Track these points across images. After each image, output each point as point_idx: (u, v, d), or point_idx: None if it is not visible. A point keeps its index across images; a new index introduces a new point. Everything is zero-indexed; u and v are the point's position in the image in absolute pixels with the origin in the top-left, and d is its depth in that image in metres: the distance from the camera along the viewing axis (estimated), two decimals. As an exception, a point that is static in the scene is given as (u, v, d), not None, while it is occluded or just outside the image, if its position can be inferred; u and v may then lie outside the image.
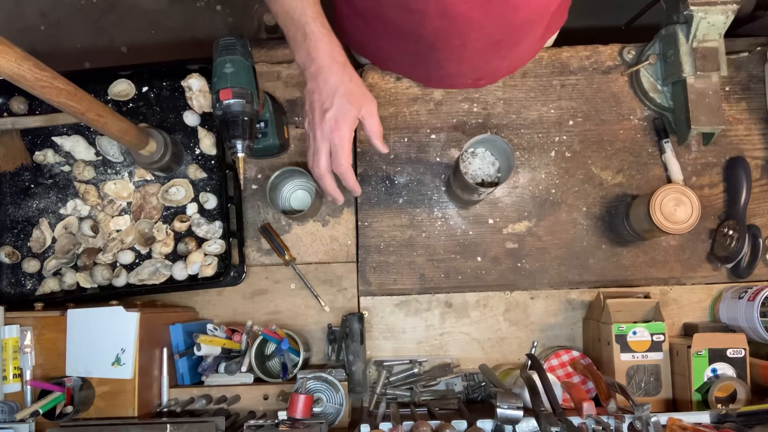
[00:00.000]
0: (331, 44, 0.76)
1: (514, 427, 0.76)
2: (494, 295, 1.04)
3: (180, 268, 0.98)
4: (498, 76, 1.06)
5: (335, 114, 0.76)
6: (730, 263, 1.02)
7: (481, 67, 1.00)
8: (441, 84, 1.07)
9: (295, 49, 0.78)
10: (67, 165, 1.04)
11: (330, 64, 0.76)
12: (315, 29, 0.75)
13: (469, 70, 1.00)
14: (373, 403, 0.97)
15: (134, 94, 1.04)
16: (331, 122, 0.77)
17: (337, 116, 0.77)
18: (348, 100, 0.76)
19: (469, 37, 0.87)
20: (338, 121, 0.77)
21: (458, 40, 0.88)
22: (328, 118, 0.77)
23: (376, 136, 0.81)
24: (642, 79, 1.04)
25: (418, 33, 0.87)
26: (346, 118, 0.77)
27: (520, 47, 0.98)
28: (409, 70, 1.05)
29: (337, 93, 0.76)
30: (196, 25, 2.07)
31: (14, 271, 1.02)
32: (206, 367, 0.93)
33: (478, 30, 0.85)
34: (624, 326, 0.92)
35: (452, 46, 0.90)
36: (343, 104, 0.76)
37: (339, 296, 1.04)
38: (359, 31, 0.97)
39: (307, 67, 0.77)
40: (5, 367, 0.83)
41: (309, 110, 0.80)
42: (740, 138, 1.07)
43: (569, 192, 1.06)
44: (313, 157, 0.81)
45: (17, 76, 0.63)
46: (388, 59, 1.05)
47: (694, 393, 0.89)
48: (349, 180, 0.82)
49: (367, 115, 0.79)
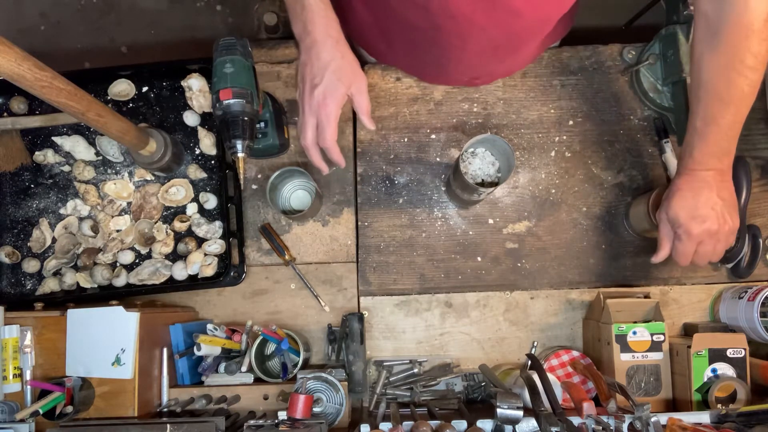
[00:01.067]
0: (327, 18, 0.77)
1: (514, 427, 0.76)
2: (494, 295, 1.04)
3: (180, 268, 0.98)
4: (494, 77, 1.07)
5: (323, 90, 0.78)
6: (730, 263, 1.02)
7: (479, 68, 1.00)
8: (436, 79, 1.07)
9: (293, 20, 0.80)
10: (67, 165, 1.04)
11: (324, 39, 0.77)
12: (312, 2, 0.77)
13: (466, 69, 1.01)
14: (373, 403, 0.97)
15: (134, 94, 1.04)
16: (319, 98, 0.78)
17: (326, 92, 0.78)
18: (338, 77, 0.78)
19: (470, 39, 0.87)
20: (326, 97, 0.78)
21: (458, 40, 0.88)
22: (316, 93, 0.78)
23: (363, 113, 0.82)
24: (642, 79, 1.04)
25: (419, 27, 0.87)
26: (334, 95, 0.78)
27: (518, 53, 0.98)
28: (406, 62, 1.05)
29: (328, 69, 0.77)
30: (196, 25, 2.07)
31: (14, 271, 1.02)
32: (206, 367, 0.93)
33: (479, 33, 0.85)
34: (624, 326, 0.92)
35: (452, 46, 0.90)
36: (332, 81, 0.77)
37: (339, 296, 1.04)
38: (360, 17, 0.97)
39: (303, 39, 0.79)
40: (5, 367, 0.83)
41: (300, 82, 0.81)
42: (740, 138, 1.06)
43: (569, 192, 1.06)
44: (300, 130, 0.83)
45: (17, 76, 0.63)
46: (386, 50, 1.04)
47: (694, 393, 0.89)
48: (334, 154, 0.84)
49: (356, 92, 0.80)
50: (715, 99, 0.79)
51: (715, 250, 0.86)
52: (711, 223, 0.83)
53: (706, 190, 0.83)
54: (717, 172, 0.84)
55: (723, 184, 0.84)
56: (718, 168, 0.83)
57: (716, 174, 0.84)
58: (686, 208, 0.84)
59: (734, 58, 0.75)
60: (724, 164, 0.84)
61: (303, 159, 1.07)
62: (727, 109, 0.79)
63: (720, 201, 0.84)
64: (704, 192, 0.83)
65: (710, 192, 0.83)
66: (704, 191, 0.83)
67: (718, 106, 0.79)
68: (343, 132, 1.07)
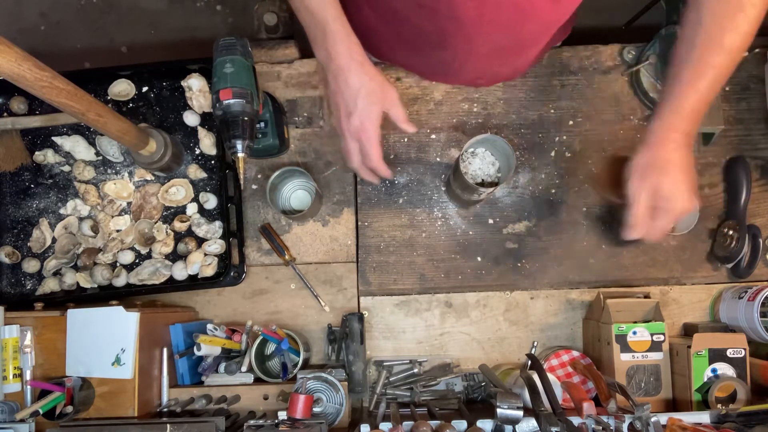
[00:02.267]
0: (350, 42, 0.79)
1: (514, 427, 0.76)
2: (494, 295, 1.04)
3: (180, 268, 0.98)
4: (498, 80, 1.07)
5: (359, 116, 0.80)
6: (730, 263, 1.02)
7: (483, 70, 1.01)
8: (439, 78, 1.07)
9: (315, 46, 0.81)
10: (67, 165, 1.04)
11: (349, 64, 0.78)
12: (335, 28, 0.77)
13: (471, 71, 1.01)
14: (373, 403, 0.97)
15: (134, 94, 1.04)
16: (357, 123, 0.80)
17: (362, 118, 0.80)
18: (370, 100, 0.79)
19: (475, 42, 0.87)
20: (363, 122, 0.80)
21: (464, 42, 0.88)
22: (353, 120, 0.80)
23: (402, 122, 0.84)
24: (642, 79, 1.04)
25: (424, 29, 0.87)
26: (371, 117, 0.80)
27: (522, 57, 0.99)
28: (411, 62, 1.05)
29: (359, 96, 0.79)
30: (196, 25, 2.07)
31: (14, 271, 1.02)
32: (206, 367, 0.93)
33: (485, 35, 0.86)
34: (624, 326, 0.92)
35: (457, 48, 0.90)
36: (365, 106, 0.79)
37: (339, 296, 1.04)
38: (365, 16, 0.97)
39: (327, 66, 0.80)
40: (5, 367, 0.83)
41: (335, 111, 0.83)
42: (740, 138, 1.07)
43: (569, 192, 1.06)
44: (345, 155, 0.86)
45: (17, 76, 0.63)
46: (390, 50, 1.04)
47: (694, 393, 0.89)
48: (381, 171, 0.86)
49: (391, 106, 0.82)
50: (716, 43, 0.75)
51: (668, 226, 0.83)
52: (694, 199, 0.80)
53: (687, 162, 0.79)
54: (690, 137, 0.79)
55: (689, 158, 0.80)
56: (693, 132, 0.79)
57: (689, 140, 0.79)
58: (678, 183, 0.79)
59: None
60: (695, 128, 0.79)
61: (303, 159, 1.07)
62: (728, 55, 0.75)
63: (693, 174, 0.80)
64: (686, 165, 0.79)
65: (689, 164, 0.79)
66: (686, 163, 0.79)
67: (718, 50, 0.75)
68: (343, 132, 1.07)
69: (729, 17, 0.73)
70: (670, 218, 0.81)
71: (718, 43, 0.74)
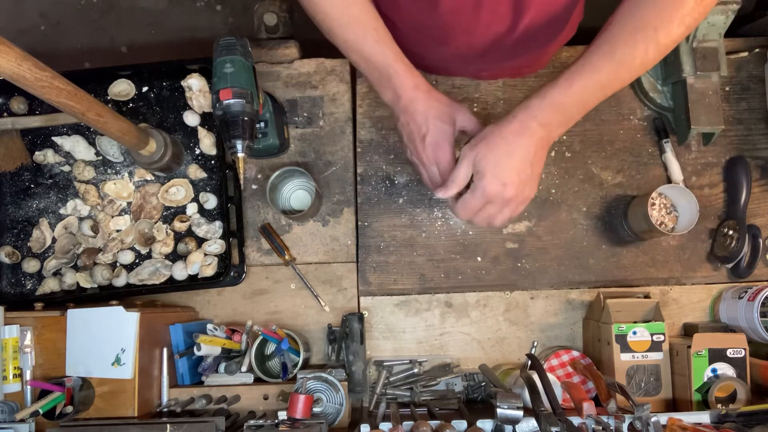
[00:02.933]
0: (414, 77, 0.81)
1: (514, 427, 0.76)
2: (494, 295, 1.04)
3: (180, 268, 0.98)
4: (500, 75, 1.07)
5: (434, 136, 0.81)
6: (730, 263, 1.02)
7: (484, 64, 1.01)
8: (440, 71, 1.07)
9: (381, 90, 0.83)
10: (67, 165, 1.04)
11: (415, 95, 0.80)
12: (398, 69, 0.80)
13: (472, 63, 1.01)
14: (373, 403, 0.97)
15: (134, 94, 1.04)
16: (433, 144, 0.82)
17: (437, 138, 0.81)
18: (442, 120, 0.81)
19: (476, 34, 0.87)
20: (438, 141, 0.82)
21: (465, 35, 0.88)
22: (428, 142, 0.82)
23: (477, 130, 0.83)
24: (642, 79, 1.04)
25: (426, 22, 0.87)
26: (445, 136, 0.82)
27: (525, 56, 0.98)
28: (413, 58, 1.05)
29: (429, 117, 0.81)
30: (196, 25, 2.07)
31: (14, 271, 1.02)
32: (206, 367, 0.93)
33: (485, 28, 0.85)
34: (624, 326, 0.92)
35: (458, 41, 0.90)
36: (437, 126, 0.81)
37: (339, 296, 1.04)
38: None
39: (395, 104, 0.83)
40: (5, 367, 0.83)
41: (409, 141, 0.85)
42: (740, 138, 1.07)
43: (569, 192, 1.06)
44: (430, 183, 0.86)
45: (17, 76, 0.63)
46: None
47: (694, 393, 0.89)
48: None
49: (463, 122, 0.83)
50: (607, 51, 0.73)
51: (499, 214, 0.81)
52: (510, 189, 0.77)
53: (524, 151, 0.76)
54: (547, 133, 0.76)
55: (542, 152, 0.78)
56: (554, 131, 0.77)
57: (544, 136, 0.76)
58: (497, 163, 0.76)
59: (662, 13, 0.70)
60: (559, 130, 0.77)
61: (303, 159, 1.07)
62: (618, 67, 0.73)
63: (529, 168, 0.77)
64: (521, 153, 0.76)
65: (527, 155, 0.76)
66: (521, 151, 0.76)
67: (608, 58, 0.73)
68: (344, 132, 1.07)
69: (629, 32, 0.72)
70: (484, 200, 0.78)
71: (610, 51, 0.73)
